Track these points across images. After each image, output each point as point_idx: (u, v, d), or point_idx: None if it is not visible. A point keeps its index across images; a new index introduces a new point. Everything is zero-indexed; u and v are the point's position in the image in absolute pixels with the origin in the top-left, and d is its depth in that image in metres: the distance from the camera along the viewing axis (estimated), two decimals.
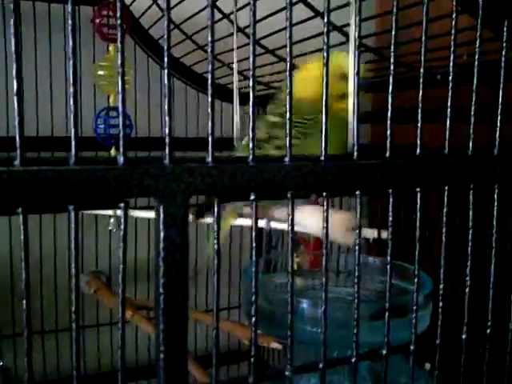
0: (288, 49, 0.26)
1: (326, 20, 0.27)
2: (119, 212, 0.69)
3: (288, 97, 0.26)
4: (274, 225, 0.69)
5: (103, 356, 0.91)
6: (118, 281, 0.23)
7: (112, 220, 0.73)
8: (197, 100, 0.90)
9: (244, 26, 0.63)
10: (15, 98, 0.20)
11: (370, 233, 0.64)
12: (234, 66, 0.55)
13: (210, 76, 0.25)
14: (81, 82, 0.83)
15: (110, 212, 0.73)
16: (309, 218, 0.51)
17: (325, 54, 0.27)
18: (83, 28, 0.70)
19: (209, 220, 0.65)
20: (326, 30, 0.27)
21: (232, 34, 0.62)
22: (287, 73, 0.26)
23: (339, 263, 0.66)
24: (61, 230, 0.86)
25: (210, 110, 0.24)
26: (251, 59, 0.26)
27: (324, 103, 0.27)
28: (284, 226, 0.68)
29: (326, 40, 0.27)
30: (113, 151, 0.70)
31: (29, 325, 0.22)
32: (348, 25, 0.55)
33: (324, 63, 0.27)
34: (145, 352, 0.90)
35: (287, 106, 0.26)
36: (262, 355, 0.99)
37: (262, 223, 0.66)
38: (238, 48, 0.56)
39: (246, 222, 0.72)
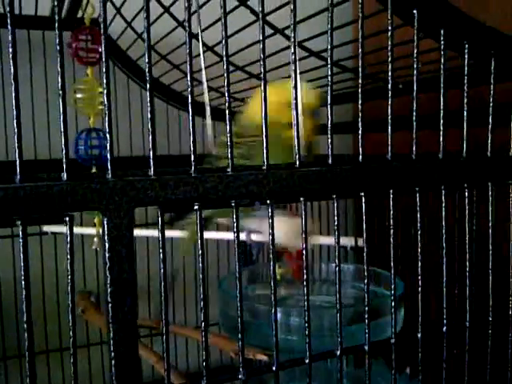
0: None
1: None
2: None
3: (228, 112, 0.28)
4: (254, 237, 0.70)
5: (94, 376, 0.91)
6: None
7: (95, 239, 0.74)
8: (178, 117, 0.92)
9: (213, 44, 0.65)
10: None
11: (347, 240, 0.65)
12: (204, 83, 0.57)
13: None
14: (65, 104, 0.85)
15: (93, 231, 0.75)
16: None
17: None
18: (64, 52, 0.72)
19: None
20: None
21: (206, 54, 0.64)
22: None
23: (319, 271, 0.67)
24: (61, 251, 0.87)
25: (150, 126, 0.25)
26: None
27: (264, 115, 0.28)
28: (264, 238, 0.70)
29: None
30: (94, 170, 0.72)
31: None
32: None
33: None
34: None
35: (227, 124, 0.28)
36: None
37: (242, 236, 0.67)
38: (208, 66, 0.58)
39: (216, 234, 0.73)
